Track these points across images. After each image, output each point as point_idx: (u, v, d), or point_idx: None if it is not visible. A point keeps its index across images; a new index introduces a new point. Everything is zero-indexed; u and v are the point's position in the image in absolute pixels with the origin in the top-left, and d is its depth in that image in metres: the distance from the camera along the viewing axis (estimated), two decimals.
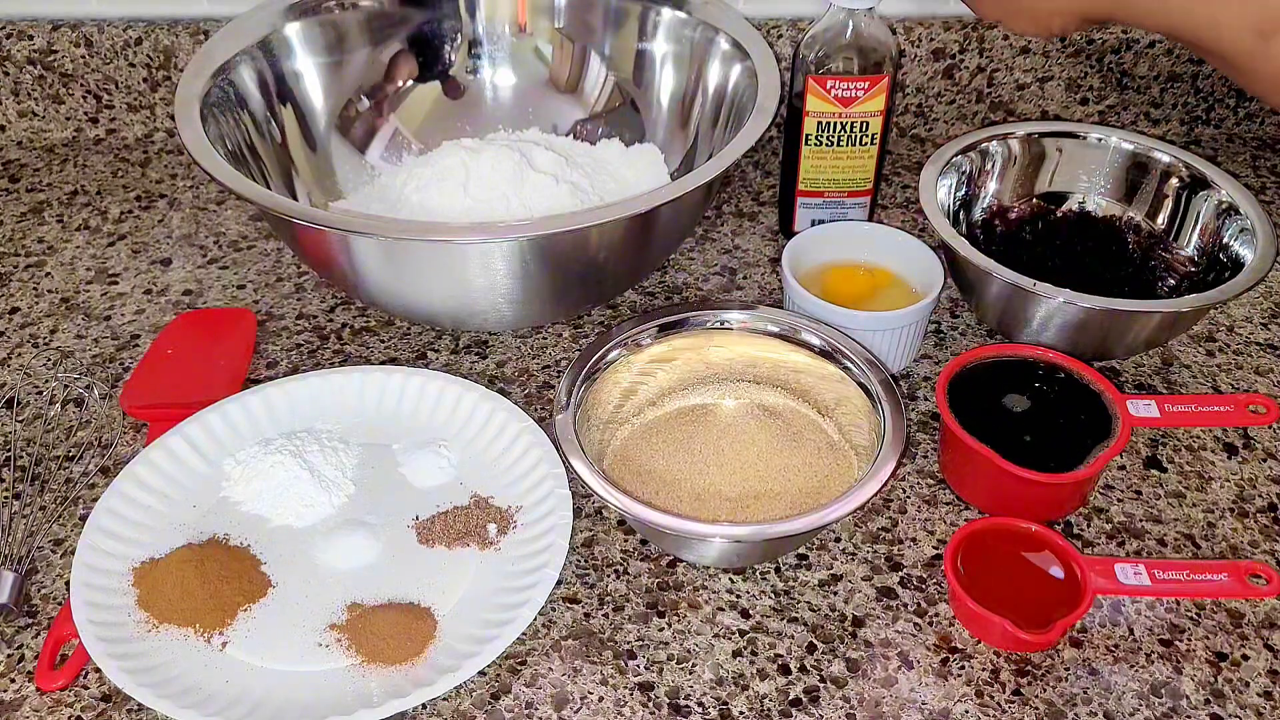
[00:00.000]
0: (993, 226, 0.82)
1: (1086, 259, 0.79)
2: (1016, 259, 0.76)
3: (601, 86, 0.92)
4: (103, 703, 0.57)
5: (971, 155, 0.81)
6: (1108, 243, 0.80)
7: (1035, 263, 0.76)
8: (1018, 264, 0.71)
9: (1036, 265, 0.75)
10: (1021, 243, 0.81)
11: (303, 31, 0.85)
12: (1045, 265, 0.77)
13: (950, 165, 0.79)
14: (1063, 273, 0.75)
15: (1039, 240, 0.81)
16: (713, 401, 0.70)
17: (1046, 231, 0.81)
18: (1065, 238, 0.81)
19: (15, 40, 0.95)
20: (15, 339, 0.79)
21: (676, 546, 0.63)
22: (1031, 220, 0.82)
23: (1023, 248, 0.80)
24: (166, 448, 0.67)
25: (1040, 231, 0.81)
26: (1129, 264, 0.79)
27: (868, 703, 0.57)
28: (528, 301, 0.73)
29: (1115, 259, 0.79)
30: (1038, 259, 0.78)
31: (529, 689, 0.57)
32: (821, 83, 0.77)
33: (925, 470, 0.69)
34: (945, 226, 0.74)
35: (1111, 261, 0.79)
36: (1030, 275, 0.70)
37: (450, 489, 0.66)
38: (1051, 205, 0.83)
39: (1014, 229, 0.82)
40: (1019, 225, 0.82)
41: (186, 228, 0.90)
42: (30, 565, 0.63)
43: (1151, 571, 0.59)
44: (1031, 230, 0.82)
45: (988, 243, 0.81)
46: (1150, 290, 0.77)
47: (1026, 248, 0.80)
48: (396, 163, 0.89)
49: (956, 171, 0.80)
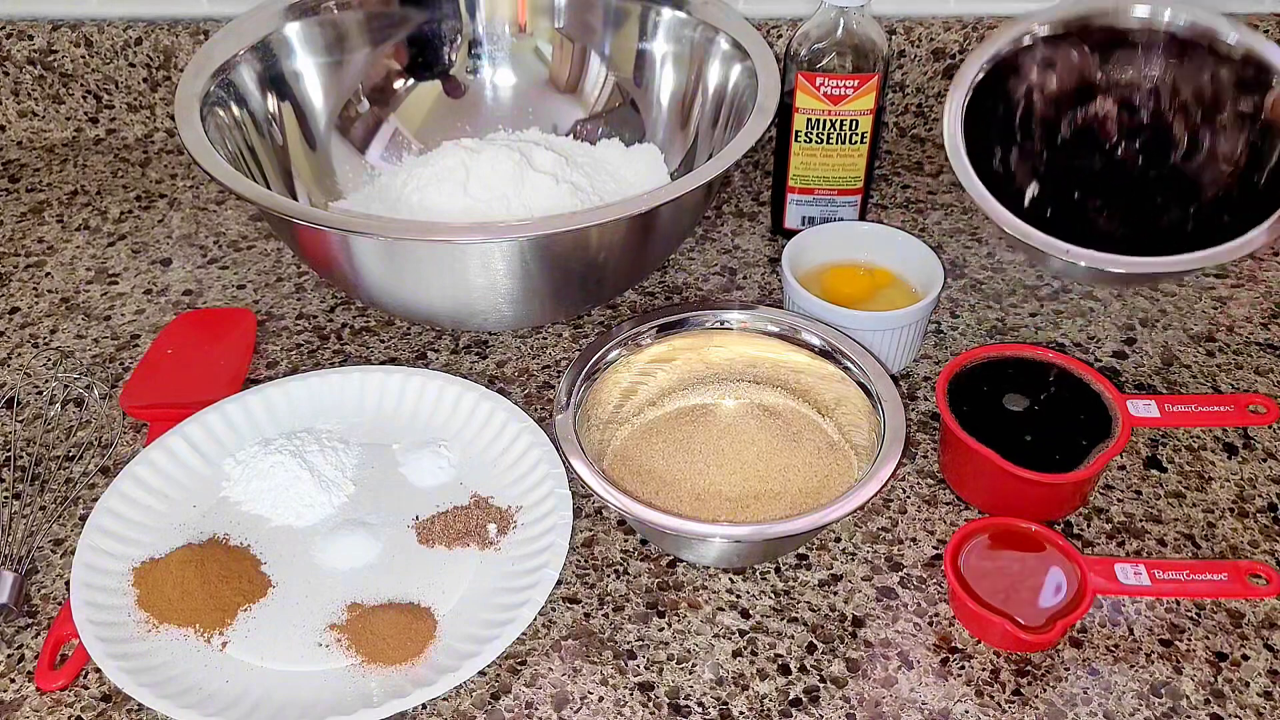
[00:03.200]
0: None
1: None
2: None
3: (601, 86, 0.92)
4: (103, 703, 0.57)
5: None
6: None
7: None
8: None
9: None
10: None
11: (303, 31, 0.85)
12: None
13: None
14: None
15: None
16: (713, 401, 0.70)
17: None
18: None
19: (15, 40, 0.95)
20: (15, 339, 0.79)
21: (676, 546, 0.63)
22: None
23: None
24: (166, 448, 0.67)
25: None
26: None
27: (868, 703, 0.57)
28: (528, 301, 0.73)
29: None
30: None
31: (529, 689, 0.57)
32: (811, 80, 0.77)
33: (925, 470, 0.69)
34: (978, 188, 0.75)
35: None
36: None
37: (450, 489, 0.66)
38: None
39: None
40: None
41: (186, 228, 0.90)
42: (30, 565, 0.63)
43: (1151, 571, 0.59)
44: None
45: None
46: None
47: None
48: (396, 163, 0.89)
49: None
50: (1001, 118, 0.82)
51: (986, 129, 0.81)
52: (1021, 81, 0.82)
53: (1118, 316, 0.80)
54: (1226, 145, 0.78)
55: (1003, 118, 0.82)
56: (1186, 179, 0.78)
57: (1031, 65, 0.81)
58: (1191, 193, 0.78)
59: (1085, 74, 0.81)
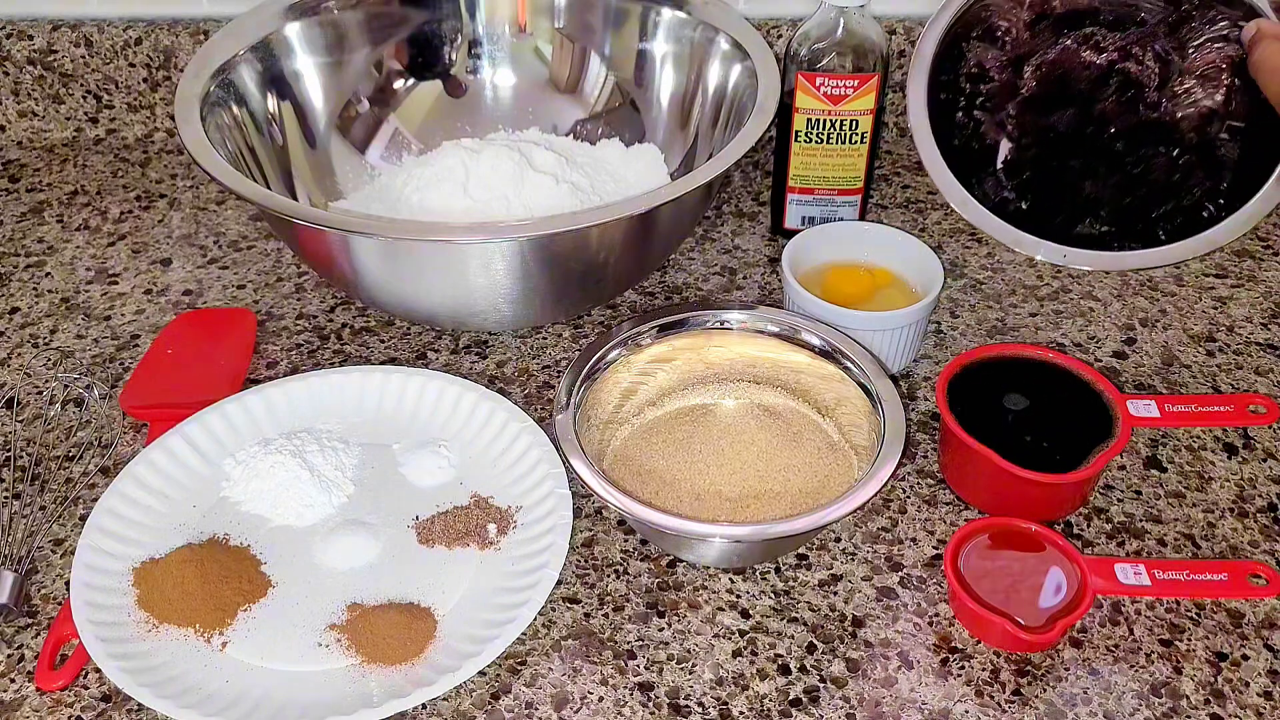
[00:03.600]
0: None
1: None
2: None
3: (601, 86, 0.92)
4: (103, 703, 0.57)
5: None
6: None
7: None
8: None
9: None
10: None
11: (303, 31, 0.85)
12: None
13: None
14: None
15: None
16: (713, 401, 0.70)
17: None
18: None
19: (15, 40, 0.95)
20: (15, 339, 0.79)
21: (676, 546, 0.63)
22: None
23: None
24: (166, 448, 0.67)
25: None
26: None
27: (868, 703, 0.57)
28: (528, 301, 0.73)
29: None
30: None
31: (529, 689, 0.57)
32: (811, 79, 0.77)
33: (925, 470, 0.69)
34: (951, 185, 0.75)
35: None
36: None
37: (450, 489, 0.66)
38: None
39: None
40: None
41: (186, 228, 0.90)
42: (30, 565, 0.63)
43: (1151, 571, 0.59)
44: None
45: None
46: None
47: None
48: (396, 163, 0.89)
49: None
50: (967, 76, 0.82)
51: (952, 94, 0.81)
52: (981, 40, 0.81)
53: (1118, 316, 0.80)
54: (1200, 86, 0.78)
55: (969, 76, 0.82)
56: (1165, 126, 0.78)
57: (987, 18, 0.81)
58: (1171, 139, 0.77)
59: (1046, 9, 0.80)
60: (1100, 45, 0.79)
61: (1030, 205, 0.81)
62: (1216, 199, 0.79)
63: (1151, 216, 0.80)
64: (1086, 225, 0.81)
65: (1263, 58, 0.71)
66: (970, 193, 0.82)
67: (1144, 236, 0.80)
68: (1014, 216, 0.82)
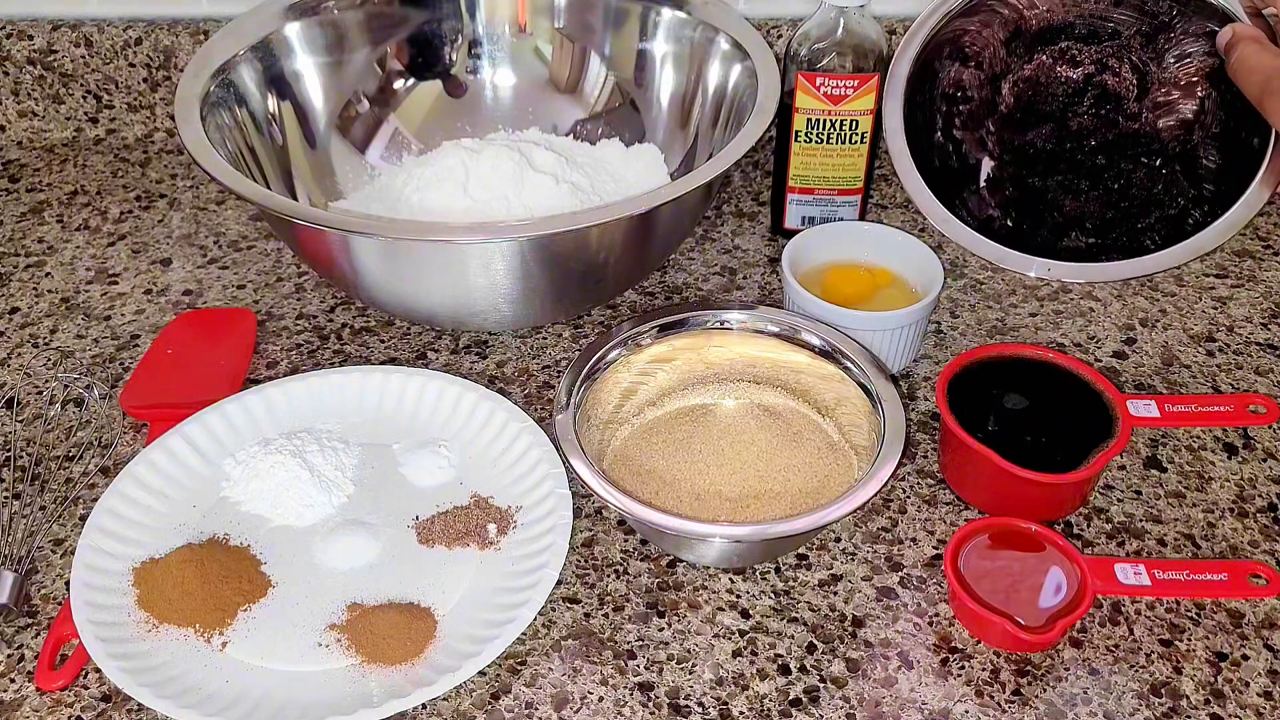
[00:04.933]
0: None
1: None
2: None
3: (601, 86, 0.92)
4: (103, 703, 0.57)
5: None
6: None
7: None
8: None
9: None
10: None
11: (303, 31, 0.85)
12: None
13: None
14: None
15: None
16: (713, 401, 0.70)
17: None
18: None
19: (15, 40, 0.95)
20: (15, 339, 0.79)
21: (676, 546, 0.63)
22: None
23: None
24: (166, 448, 0.67)
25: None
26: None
27: (868, 703, 0.57)
28: (528, 301, 0.73)
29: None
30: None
31: (529, 689, 0.57)
32: (811, 79, 0.77)
33: (925, 470, 0.69)
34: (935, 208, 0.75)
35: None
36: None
37: (450, 489, 0.66)
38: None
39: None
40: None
41: (186, 228, 0.90)
42: (30, 565, 0.63)
43: (1151, 571, 0.59)
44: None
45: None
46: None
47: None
48: (396, 163, 0.89)
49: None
50: (943, 96, 0.82)
51: (929, 110, 0.81)
52: (953, 59, 0.81)
53: (1118, 316, 0.80)
54: (1179, 95, 0.78)
55: (945, 96, 0.82)
56: (1146, 136, 0.78)
57: (960, 38, 0.81)
58: (1152, 149, 0.78)
59: (1020, 26, 0.80)
60: (1076, 59, 0.79)
61: (1015, 221, 0.81)
62: (1201, 206, 0.79)
63: (1137, 227, 0.80)
64: (1073, 239, 0.81)
65: (1241, 59, 0.71)
66: (954, 212, 0.81)
67: (1130, 248, 0.80)
68: (999, 234, 0.82)
